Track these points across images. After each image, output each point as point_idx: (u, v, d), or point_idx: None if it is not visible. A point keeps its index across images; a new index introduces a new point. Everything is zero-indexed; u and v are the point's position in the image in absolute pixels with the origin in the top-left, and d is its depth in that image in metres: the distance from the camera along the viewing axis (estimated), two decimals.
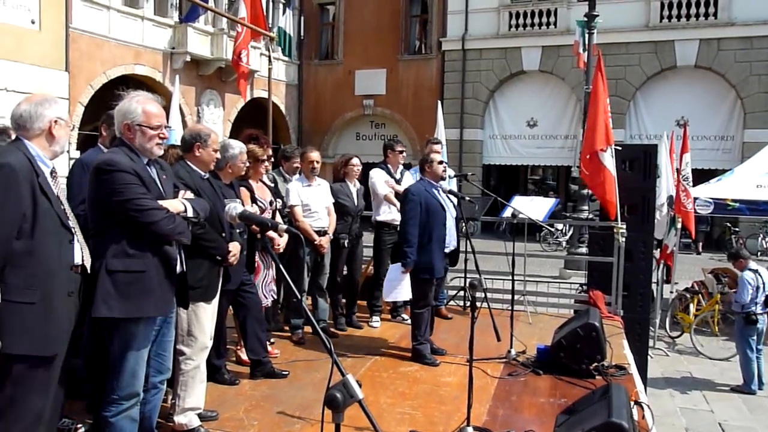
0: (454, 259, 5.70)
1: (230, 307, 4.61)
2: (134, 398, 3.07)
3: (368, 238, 6.59)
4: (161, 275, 3.04)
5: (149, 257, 3.00)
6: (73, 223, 2.87)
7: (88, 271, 2.92)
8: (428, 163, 5.46)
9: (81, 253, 2.89)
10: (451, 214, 5.41)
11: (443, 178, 5.45)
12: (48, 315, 2.70)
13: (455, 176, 6.66)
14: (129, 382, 3.03)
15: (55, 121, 2.86)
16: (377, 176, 6.50)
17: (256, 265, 4.82)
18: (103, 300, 2.92)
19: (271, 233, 4.74)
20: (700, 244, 19.05)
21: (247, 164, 4.44)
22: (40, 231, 2.69)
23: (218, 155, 3.89)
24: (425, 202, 5.19)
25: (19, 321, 2.62)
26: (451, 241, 5.40)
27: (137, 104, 3.07)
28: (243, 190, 4.58)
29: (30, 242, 2.66)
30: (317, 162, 5.88)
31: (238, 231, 4.10)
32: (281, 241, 4.99)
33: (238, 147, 4.26)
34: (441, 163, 5.45)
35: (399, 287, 5.24)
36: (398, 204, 6.23)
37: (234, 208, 2.92)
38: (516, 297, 5.90)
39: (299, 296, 2.74)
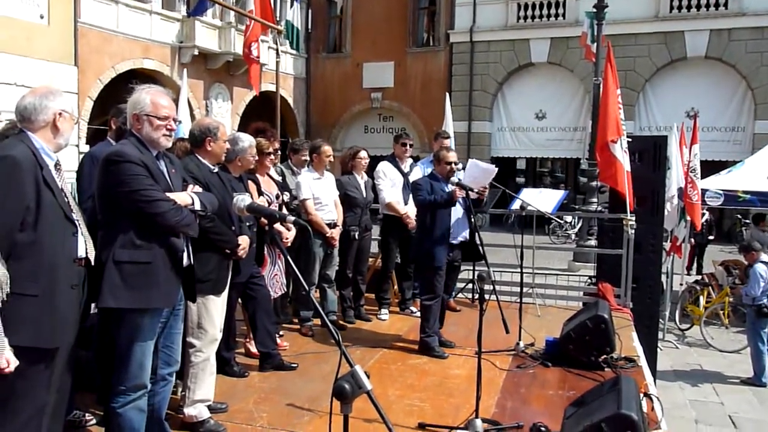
0: (474, 254, 5.62)
1: (239, 299, 4.63)
2: (141, 390, 3.08)
3: (376, 231, 6.59)
4: (168, 267, 3.05)
5: (156, 248, 3.01)
6: (77, 215, 2.87)
7: (92, 264, 2.93)
8: (438, 159, 5.49)
9: (85, 246, 2.88)
10: (460, 205, 5.39)
11: (448, 177, 5.40)
12: (51, 307, 2.70)
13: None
14: (136, 373, 3.04)
15: (60, 114, 2.85)
16: (384, 185, 6.46)
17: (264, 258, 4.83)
18: (109, 290, 2.93)
19: (279, 226, 4.78)
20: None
21: (256, 157, 4.45)
22: (43, 223, 2.68)
23: (228, 146, 3.90)
24: (431, 192, 5.22)
25: (21, 313, 2.61)
26: (459, 232, 5.39)
27: (146, 95, 3.09)
28: (250, 183, 4.59)
29: (33, 234, 2.66)
30: (332, 156, 5.90)
31: (248, 224, 4.11)
32: (290, 234, 5.00)
33: (247, 140, 4.27)
34: (450, 164, 5.41)
35: (483, 172, 5.15)
36: (401, 210, 6.23)
37: (242, 200, 2.92)
38: (525, 289, 5.88)
39: (308, 288, 2.73)
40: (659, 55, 20.35)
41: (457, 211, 5.34)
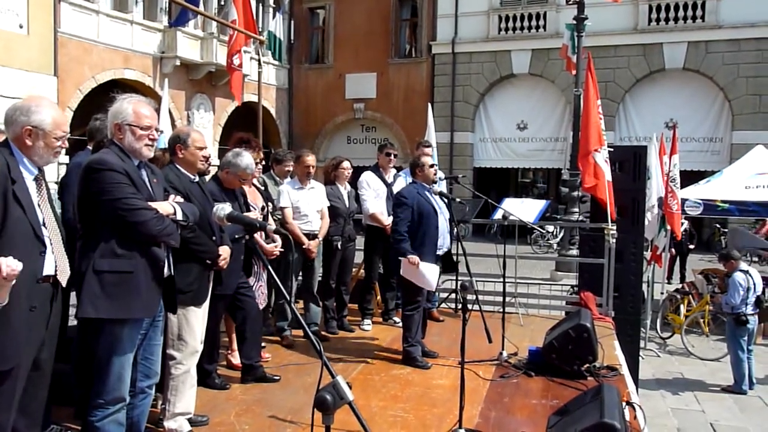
0: (450, 265, 5.66)
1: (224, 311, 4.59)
2: (120, 403, 3.04)
3: (360, 241, 6.58)
4: (148, 277, 3.02)
5: (137, 258, 2.97)
6: (47, 232, 2.76)
7: (63, 285, 2.84)
8: (419, 166, 5.46)
9: (54, 264, 2.78)
10: (444, 216, 5.40)
11: (434, 182, 5.44)
12: (5, 328, 2.58)
13: (446, 178, 6.65)
14: (115, 386, 2.99)
15: (30, 131, 2.73)
16: (368, 195, 6.46)
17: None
18: (89, 300, 2.89)
19: (262, 243, 4.77)
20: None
21: (244, 180, 4.45)
22: (7, 240, 2.57)
23: (203, 153, 3.85)
24: (417, 205, 5.19)
25: None
26: (444, 243, 5.39)
27: (128, 104, 3.07)
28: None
29: None
30: (313, 166, 5.88)
31: (237, 236, 4.09)
32: (275, 246, 4.97)
33: (245, 163, 4.25)
34: (432, 166, 5.45)
35: (424, 276, 5.08)
36: (384, 221, 6.23)
37: (222, 209, 2.90)
38: (507, 299, 5.89)
39: (288, 298, 2.71)
40: (638, 66, 20.62)
41: (442, 223, 5.34)
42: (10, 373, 2.66)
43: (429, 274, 5.10)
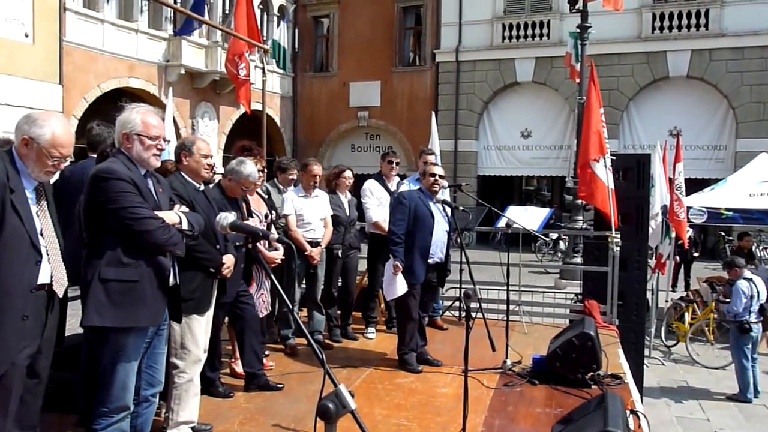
0: (441, 279, 5.67)
1: (226, 319, 4.59)
2: (124, 411, 3.04)
3: (363, 249, 6.59)
4: (154, 286, 3.03)
5: (143, 267, 2.99)
6: (45, 242, 2.74)
7: (59, 295, 2.83)
8: (423, 174, 5.56)
9: (50, 274, 2.76)
10: (443, 226, 5.41)
11: (435, 192, 5.43)
12: None
13: (449, 186, 6.66)
14: (119, 394, 3.00)
15: (27, 141, 2.71)
16: (371, 203, 6.47)
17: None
18: (94, 308, 2.90)
19: (264, 251, 4.78)
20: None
21: (246, 189, 4.47)
22: (3, 249, 2.57)
23: (208, 161, 3.87)
24: (415, 208, 5.25)
25: None
26: (436, 252, 5.37)
27: (137, 114, 3.10)
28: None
29: None
30: (319, 175, 5.91)
31: (238, 244, 4.10)
32: (278, 254, 4.98)
33: (248, 171, 4.27)
34: (433, 175, 5.45)
35: (394, 285, 5.19)
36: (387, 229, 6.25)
37: (225, 217, 2.91)
38: (511, 307, 5.88)
39: (290, 306, 2.72)
40: (642, 74, 20.63)
41: (439, 231, 5.35)
42: (0, 379, 2.65)
43: (398, 286, 5.17)
